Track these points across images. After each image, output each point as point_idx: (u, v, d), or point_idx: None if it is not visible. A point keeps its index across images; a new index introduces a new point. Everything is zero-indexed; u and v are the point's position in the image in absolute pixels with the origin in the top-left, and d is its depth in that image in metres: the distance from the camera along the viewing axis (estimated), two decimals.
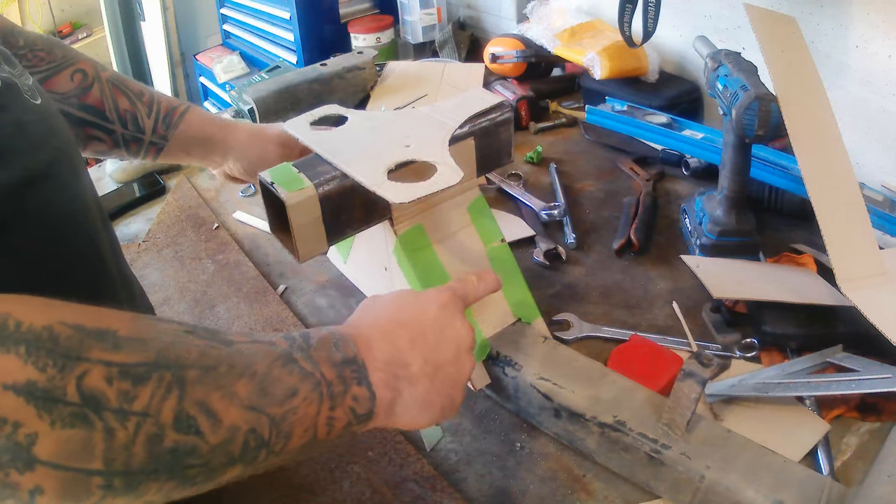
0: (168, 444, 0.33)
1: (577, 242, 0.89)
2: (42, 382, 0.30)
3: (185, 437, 0.34)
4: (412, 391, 0.46)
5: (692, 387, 0.53)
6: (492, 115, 0.66)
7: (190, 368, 0.35)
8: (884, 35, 0.87)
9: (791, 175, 0.86)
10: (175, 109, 0.75)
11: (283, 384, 0.39)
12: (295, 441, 0.39)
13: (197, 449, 0.34)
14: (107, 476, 0.32)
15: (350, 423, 0.43)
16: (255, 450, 0.37)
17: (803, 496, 0.50)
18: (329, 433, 0.42)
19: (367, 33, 1.53)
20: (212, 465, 0.35)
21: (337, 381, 0.42)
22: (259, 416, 0.37)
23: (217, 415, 0.35)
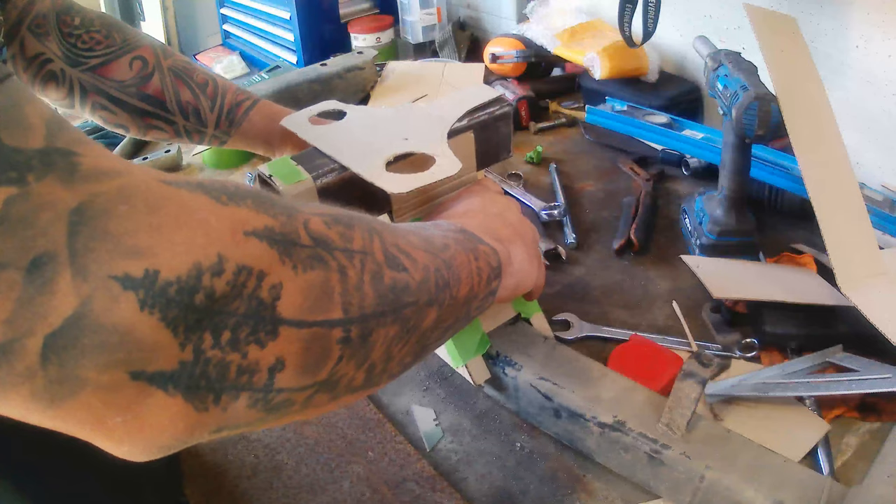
0: (387, 280, 0.34)
1: (577, 242, 0.89)
2: (278, 227, 0.29)
3: (398, 274, 0.35)
4: (513, 248, 0.52)
5: (692, 387, 0.53)
6: (490, 108, 0.66)
7: (372, 221, 0.37)
8: (884, 35, 0.87)
9: (791, 175, 0.86)
10: (240, 105, 0.73)
11: (437, 238, 0.42)
12: (463, 287, 0.42)
13: (408, 286, 0.35)
14: (345, 325, 0.31)
15: (490, 277, 0.46)
16: (443, 289, 0.39)
17: (803, 496, 0.50)
18: (480, 283, 0.44)
19: (367, 33, 1.53)
20: (420, 303, 0.36)
21: (466, 239, 0.45)
22: (435, 259, 0.39)
23: (412, 255, 0.37)
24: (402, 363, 0.38)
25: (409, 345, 0.37)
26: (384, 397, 0.69)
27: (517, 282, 0.51)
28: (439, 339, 0.42)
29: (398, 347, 0.36)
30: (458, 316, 0.43)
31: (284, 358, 0.29)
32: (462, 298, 0.42)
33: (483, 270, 0.44)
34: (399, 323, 0.35)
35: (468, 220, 0.52)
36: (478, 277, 0.44)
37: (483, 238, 0.48)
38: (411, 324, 0.36)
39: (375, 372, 0.35)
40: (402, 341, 0.36)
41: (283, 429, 0.66)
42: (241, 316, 0.27)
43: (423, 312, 0.37)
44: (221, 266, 0.26)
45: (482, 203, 0.56)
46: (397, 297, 0.34)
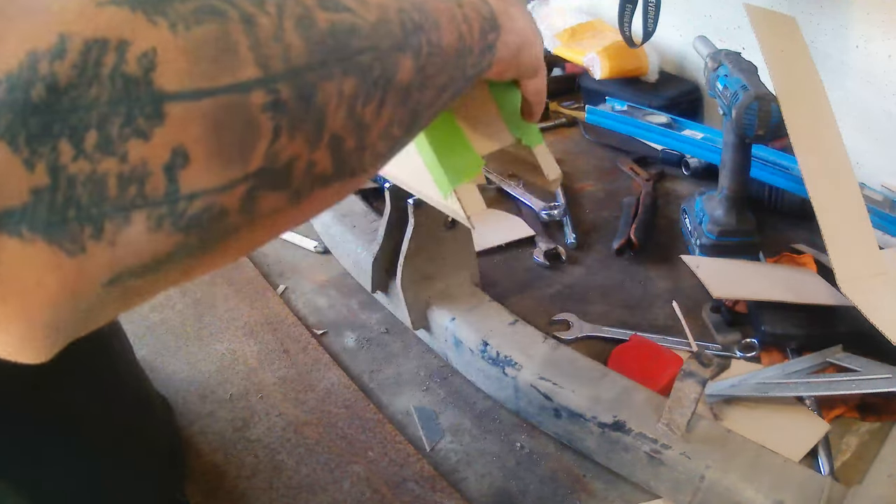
0: (322, 23, 0.25)
1: (577, 242, 0.89)
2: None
3: (337, 14, 0.25)
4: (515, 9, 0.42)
5: (692, 387, 0.53)
6: None
7: None
8: (884, 35, 0.87)
9: (791, 175, 0.86)
10: None
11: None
12: (447, 34, 0.33)
13: (357, 27, 0.26)
14: (268, 84, 0.22)
15: (484, 28, 0.37)
16: (415, 32, 0.30)
17: (803, 496, 0.50)
18: (472, 34, 0.36)
19: None
20: (381, 49, 0.27)
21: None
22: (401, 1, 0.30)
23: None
24: (388, 136, 0.29)
25: (387, 106, 0.28)
26: (384, 397, 0.69)
27: (520, 41, 0.42)
28: (434, 102, 0.33)
29: (370, 109, 0.27)
30: (452, 74, 0.34)
31: (185, 146, 0.21)
32: (449, 48, 0.33)
33: (471, 18, 0.36)
34: (355, 74, 0.26)
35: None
36: (466, 25, 0.35)
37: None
38: (376, 74, 0.27)
39: (347, 148, 0.26)
40: (373, 100, 0.27)
41: (282, 429, 0.66)
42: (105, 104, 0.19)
43: (392, 59, 0.28)
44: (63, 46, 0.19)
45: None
46: (340, 41, 0.25)
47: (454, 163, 0.50)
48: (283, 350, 0.75)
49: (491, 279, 0.83)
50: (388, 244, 0.72)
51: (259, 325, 0.79)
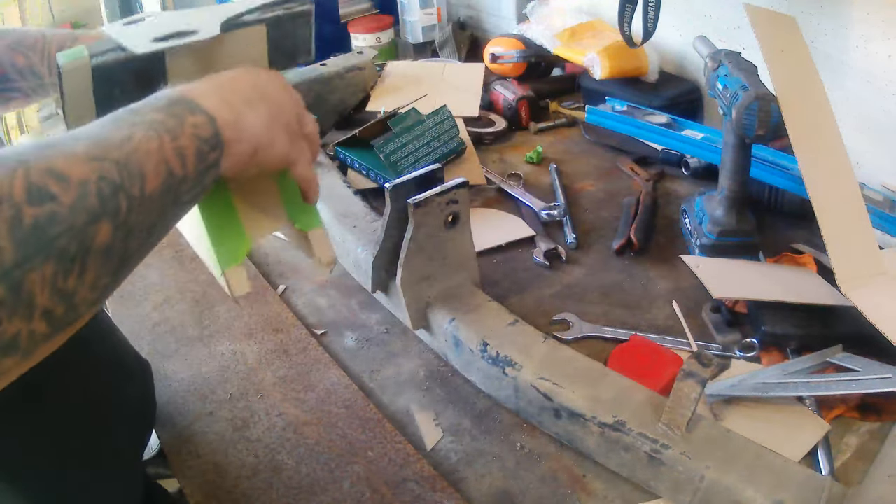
0: (28, 220, 0.31)
1: (577, 242, 0.89)
2: None
3: (42, 207, 0.32)
4: (253, 111, 0.47)
5: (692, 387, 0.53)
6: (289, 4, 0.62)
7: (27, 151, 0.34)
8: (884, 35, 0.87)
9: (791, 175, 0.86)
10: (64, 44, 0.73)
11: (118, 134, 0.38)
12: (151, 181, 0.38)
13: (56, 215, 0.33)
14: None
15: (202, 152, 0.42)
16: (113, 196, 0.36)
17: (803, 496, 0.50)
18: (185, 164, 0.41)
19: (367, 33, 1.53)
20: (77, 226, 0.33)
21: (168, 117, 0.42)
22: (103, 164, 0.36)
23: (64, 174, 0.34)
24: (97, 287, 0.36)
25: (88, 270, 0.34)
26: (384, 397, 0.69)
27: (252, 147, 0.47)
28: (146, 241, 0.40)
29: (71, 279, 0.33)
30: (160, 209, 0.40)
31: None
32: (154, 192, 0.38)
33: (187, 149, 0.41)
34: (54, 257, 0.32)
35: (201, 84, 0.47)
36: (178, 159, 0.40)
37: (202, 104, 0.44)
38: (73, 250, 0.33)
39: (58, 313, 0.33)
40: (72, 272, 0.33)
41: (283, 429, 0.66)
42: None
43: (89, 231, 0.34)
44: None
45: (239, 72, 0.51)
46: (42, 232, 0.32)
47: (226, 248, 0.55)
48: (283, 350, 0.75)
49: (491, 279, 0.83)
50: (388, 244, 0.72)
51: (259, 325, 0.79)
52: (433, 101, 1.09)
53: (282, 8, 0.61)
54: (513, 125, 1.19)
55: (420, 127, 1.00)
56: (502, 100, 1.20)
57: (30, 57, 0.72)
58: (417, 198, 0.66)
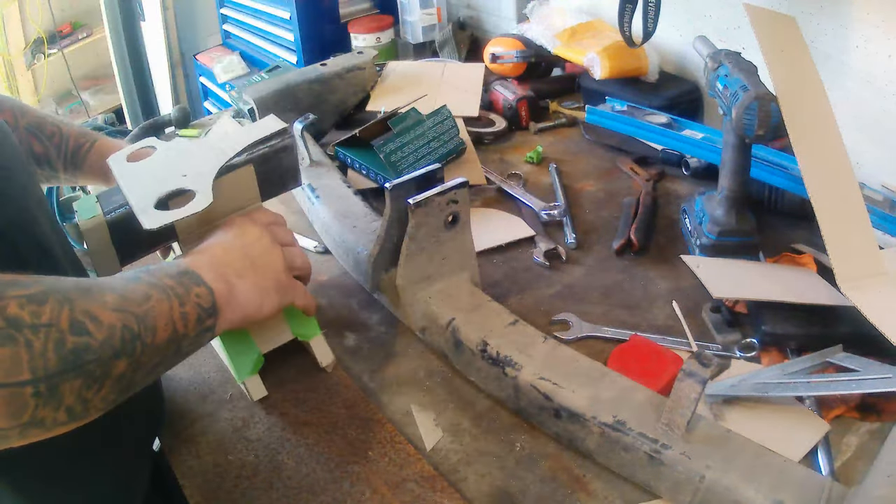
0: (69, 345, 0.43)
1: (577, 242, 0.89)
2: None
3: (80, 338, 0.44)
4: (243, 282, 0.59)
5: (692, 387, 0.53)
6: (272, 141, 0.69)
7: (71, 291, 0.46)
8: (884, 35, 0.87)
9: (791, 175, 0.86)
10: (81, 148, 0.79)
11: (138, 292, 0.50)
12: (161, 334, 0.50)
13: (90, 346, 0.44)
14: (35, 384, 0.41)
15: (201, 317, 0.54)
16: (132, 342, 0.47)
17: (803, 496, 0.50)
18: (187, 326, 0.53)
19: (367, 33, 1.53)
20: (103, 358, 0.45)
21: (178, 285, 0.53)
22: (126, 315, 0.48)
23: (98, 318, 0.46)
24: (106, 400, 0.47)
25: (104, 389, 0.46)
26: (384, 397, 0.69)
27: (243, 314, 0.59)
28: (150, 375, 0.51)
29: (92, 392, 0.45)
30: (164, 355, 0.51)
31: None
32: (161, 342, 0.50)
33: (190, 314, 0.53)
34: (83, 376, 0.44)
35: (202, 255, 0.59)
36: (182, 321, 0.52)
37: (204, 277, 0.56)
38: (97, 374, 0.45)
39: (76, 412, 0.45)
40: (93, 388, 0.45)
41: (283, 429, 0.66)
42: None
43: (110, 364, 0.46)
44: None
45: (232, 235, 0.63)
46: (78, 356, 0.44)
47: (241, 361, 0.67)
48: (282, 350, 0.75)
49: (491, 279, 0.83)
50: (388, 244, 0.72)
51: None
52: (433, 101, 1.09)
53: (266, 146, 0.69)
54: (513, 125, 1.19)
55: (420, 127, 1.00)
56: (502, 100, 1.20)
57: (47, 147, 0.78)
58: (417, 198, 0.66)
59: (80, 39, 3.03)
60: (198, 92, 2.29)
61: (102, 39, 2.71)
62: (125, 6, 2.46)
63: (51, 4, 2.89)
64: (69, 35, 3.00)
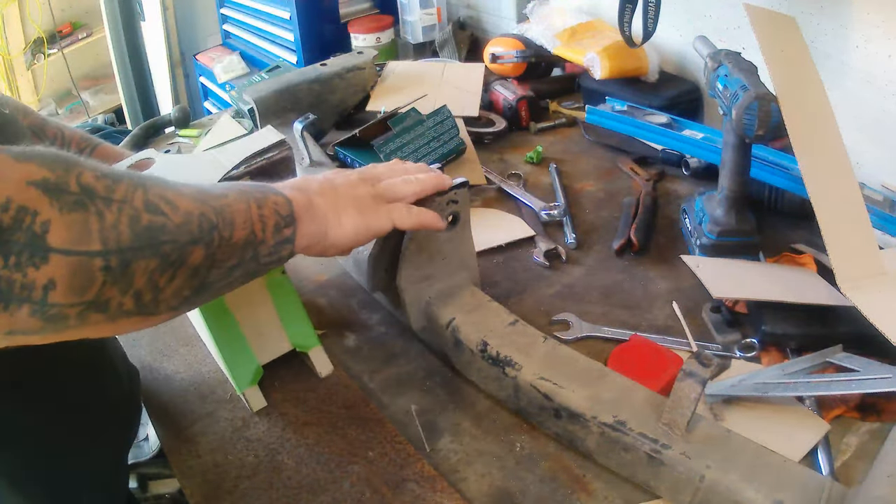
0: (144, 222, 0.41)
1: (577, 242, 0.89)
2: (53, 178, 0.38)
3: (155, 217, 0.42)
4: (322, 199, 0.56)
5: (692, 387, 0.53)
6: (269, 153, 0.69)
7: (148, 179, 0.44)
8: (884, 35, 0.87)
9: (791, 175, 0.86)
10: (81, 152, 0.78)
11: (215, 190, 0.49)
12: (238, 232, 0.48)
13: (166, 226, 0.43)
14: (104, 256, 0.39)
15: (279, 224, 0.52)
16: (209, 231, 0.46)
17: (803, 496, 0.50)
18: (265, 230, 0.50)
19: (367, 33, 1.53)
20: (180, 242, 0.43)
21: (255, 190, 0.52)
22: (204, 206, 0.46)
23: (174, 202, 0.44)
24: (179, 296, 0.45)
25: (178, 278, 0.44)
26: (384, 397, 0.69)
27: (322, 230, 0.55)
28: (224, 279, 0.49)
29: (164, 279, 0.43)
30: (242, 258, 0.49)
31: (55, 279, 0.38)
32: (239, 241, 0.48)
33: (268, 218, 0.51)
34: (158, 257, 0.42)
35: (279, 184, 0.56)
36: (260, 223, 0.50)
37: (281, 189, 0.54)
38: (173, 258, 0.43)
39: (145, 300, 0.43)
40: (167, 274, 0.43)
41: (283, 429, 0.66)
42: (22, 244, 0.36)
43: (186, 249, 0.44)
44: (8, 206, 0.36)
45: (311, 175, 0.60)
46: (153, 235, 0.42)
47: (240, 373, 0.67)
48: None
49: (491, 279, 0.83)
50: (388, 244, 0.72)
51: None
52: (433, 101, 1.09)
53: (264, 158, 0.69)
54: (513, 125, 1.19)
55: (420, 127, 1.00)
56: (502, 100, 1.20)
57: None
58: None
59: (80, 39, 3.03)
60: (198, 92, 2.29)
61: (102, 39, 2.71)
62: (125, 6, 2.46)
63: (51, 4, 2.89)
64: (69, 35, 3.00)
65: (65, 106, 3.01)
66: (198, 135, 1.22)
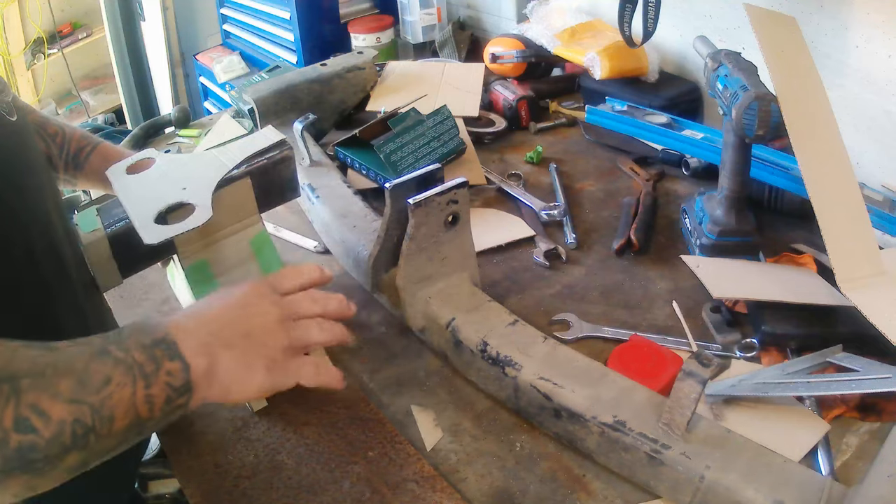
0: (13, 444, 0.40)
1: (577, 242, 0.89)
2: None
3: (25, 436, 0.41)
4: (230, 353, 0.52)
5: (692, 387, 0.53)
6: (270, 153, 0.69)
7: (23, 378, 0.42)
8: (884, 35, 0.87)
9: (791, 175, 0.86)
10: (82, 150, 0.79)
11: (99, 374, 0.45)
12: (119, 422, 0.46)
13: (36, 445, 0.41)
14: None
15: (171, 398, 0.49)
16: (84, 436, 0.44)
17: (803, 496, 0.50)
18: (152, 410, 0.48)
19: (367, 33, 1.53)
20: (51, 456, 0.42)
21: (148, 361, 0.48)
22: (80, 407, 0.44)
23: (46, 413, 0.42)
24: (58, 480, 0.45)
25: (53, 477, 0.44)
26: (384, 397, 0.69)
27: (223, 392, 0.52)
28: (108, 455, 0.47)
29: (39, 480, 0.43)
30: (124, 439, 0.47)
31: None
32: (120, 430, 0.46)
33: (157, 396, 0.48)
34: (30, 473, 0.42)
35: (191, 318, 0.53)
36: (146, 406, 0.47)
37: (182, 348, 0.50)
38: (45, 469, 0.43)
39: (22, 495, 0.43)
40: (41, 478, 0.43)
41: (283, 429, 0.66)
42: None
43: (59, 459, 0.43)
44: None
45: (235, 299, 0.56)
46: (23, 455, 0.41)
47: None
48: None
49: (491, 279, 0.83)
50: (388, 244, 0.72)
51: None
52: (433, 101, 1.09)
53: (265, 158, 0.69)
54: (513, 125, 1.19)
55: (420, 127, 1.00)
56: (502, 100, 1.20)
57: (49, 147, 0.77)
58: (417, 198, 0.66)
59: (80, 39, 3.03)
60: (198, 92, 2.29)
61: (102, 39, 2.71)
62: (125, 6, 2.46)
63: (51, 4, 2.89)
64: (69, 35, 3.00)
65: (65, 106, 3.02)
66: (198, 135, 1.22)
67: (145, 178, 0.66)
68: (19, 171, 0.55)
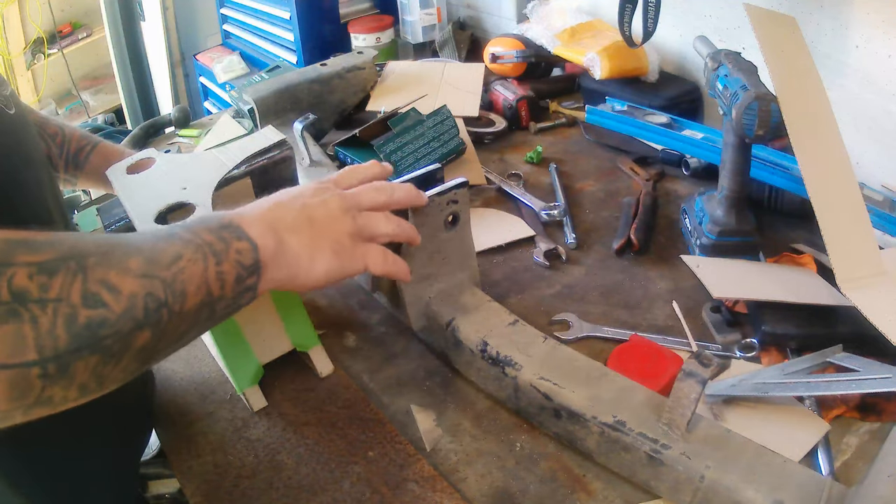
0: (82, 320, 0.39)
1: (577, 242, 0.89)
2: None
3: (94, 311, 0.39)
4: (296, 238, 0.52)
5: (692, 387, 0.53)
6: (271, 153, 0.69)
7: (90, 256, 0.41)
8: (884, 35, 0.87)
9: (791, 175, 0.86)
10: (82, 150, 0.79)
11: (168, 252, 0.45)
12: (192, 299, 0.45)
13: (106, 319, 0.40)
14: (42, 364, 0.37)
15: (241, 276, 0.48)
16: (156, 311, 0.42)
17: (803, 496, 0.50)
18: (223, 288, 0.47)
19: (367, 33, 1.53)
20: (123, 332, 0.41)
21: (217, 241, 0.47)
22: (152, 281, 0.42)
23: (117, 287, 0.41)
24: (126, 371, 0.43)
25: (123, 361, 0.42)
26: (384, 397, 0.69)
27: (290, 273, 0.52)
28: (177, 342, 0.46)
29: (109, 368, 0.41)
30: (196, 321, 0.46)
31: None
32: (192, 308, 0.45)
33: (228, 273, 0.47)
34: (100, 352, 0.40)
35: (252, 209, 0.52)
36: (218, 282, 0.46)
37: (249, 231, 0.49)
38: (116, 349, 0.41)
39: (91, 387, 0.41)
40: (111, 364, 0.41)
41: (283, 429, 0.66)
42: None
43: (131, 337, 0.41)
44: None
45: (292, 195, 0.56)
46: (93, 332, 0.39)
47: (241, 373, 0.66)
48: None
49: (491, 279, 0.83)
50: (388, 244, 0.72)
51: None
52: (433, 101, 1.09)
53: (265, 158, 0.69)
54: (513, 125, 1.19)
55: (420, 127, 1.00)
56: (502, 100, 1.20)
57: (49, 146, 0.77)
58: None
59: (80, 39, 3.03)
60: (198, 92, 2.29)
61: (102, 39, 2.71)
62: (125, 6, 2.46)
63: (51, 4, 2.90)
64: (69, 35, 3.00)
65: (65, 106, 3.02)
66: (198, 135, 1.22)
67: (145, 177, 0.66)
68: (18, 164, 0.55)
